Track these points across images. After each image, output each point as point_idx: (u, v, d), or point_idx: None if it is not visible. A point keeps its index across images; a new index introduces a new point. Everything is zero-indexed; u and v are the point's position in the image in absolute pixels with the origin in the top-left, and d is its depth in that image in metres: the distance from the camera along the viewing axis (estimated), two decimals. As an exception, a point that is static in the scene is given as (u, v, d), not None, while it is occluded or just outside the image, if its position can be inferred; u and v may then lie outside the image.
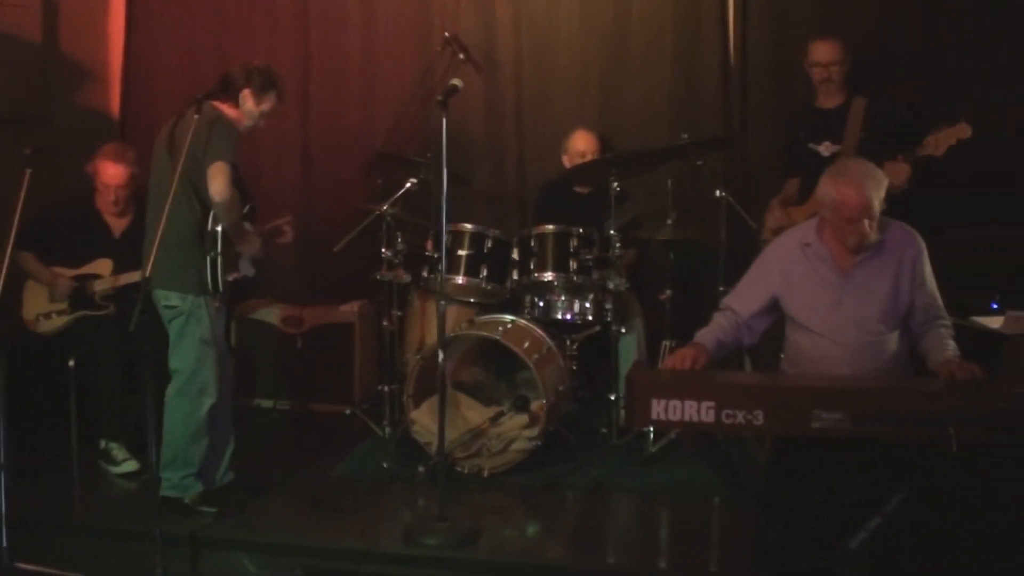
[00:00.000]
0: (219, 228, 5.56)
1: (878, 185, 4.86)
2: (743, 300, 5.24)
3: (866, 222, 4.85)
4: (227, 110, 5.72)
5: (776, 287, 5.15)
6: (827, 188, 4.95)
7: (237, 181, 5.61)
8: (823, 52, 6.68)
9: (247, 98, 5.75)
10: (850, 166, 5.00)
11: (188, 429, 5.68)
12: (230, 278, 5.71)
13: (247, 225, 5.89)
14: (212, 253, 5.55)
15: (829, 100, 6.74)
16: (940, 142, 6.09)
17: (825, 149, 6.60)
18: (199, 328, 5.65)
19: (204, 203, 5.54)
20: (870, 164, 4.98)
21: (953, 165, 6.33)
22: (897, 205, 5.32)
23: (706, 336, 5.15)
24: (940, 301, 5.07)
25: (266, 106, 5.83)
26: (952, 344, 4.95)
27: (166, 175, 5.52)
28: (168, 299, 5.64)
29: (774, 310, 5.20)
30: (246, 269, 5.96)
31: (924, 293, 5.03)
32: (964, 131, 6.05)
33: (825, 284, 5.04)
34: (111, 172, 6.57)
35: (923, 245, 5.04)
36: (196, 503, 5.73)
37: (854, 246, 4.96)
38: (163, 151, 5.70)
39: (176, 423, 5.69)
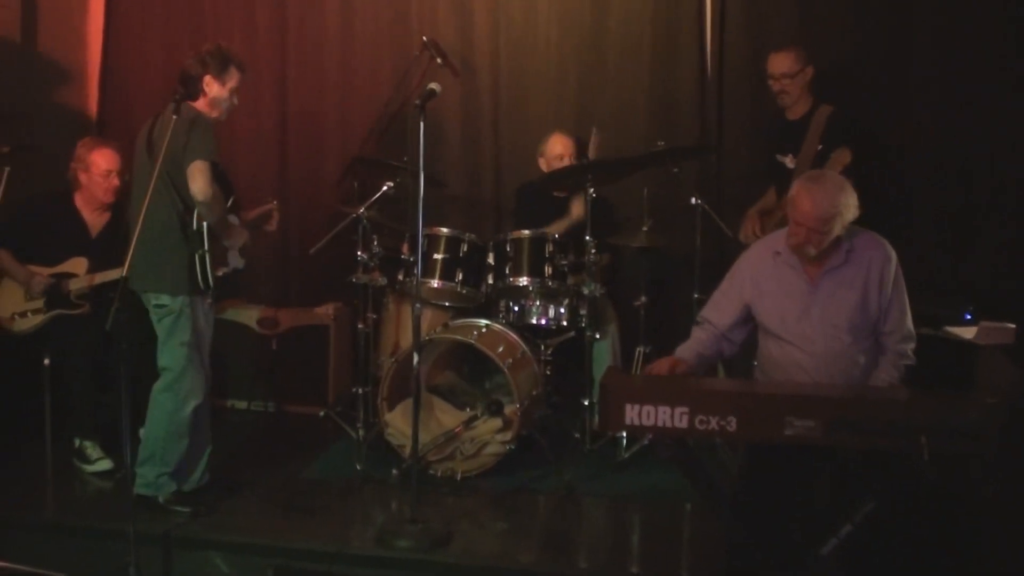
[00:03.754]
0: (204, 225, 5.55)
1: (836, 204, 4.83)
2: (719, 311, 5.25)
3: (809, 232, 4.87)
4: (200, 106, 5.69)
5: (748, 296, 5.16)
6: (793, 187, 4.99)
7: (219, 175, 5.61)
8: (774, 64, 6.68)
9: (211, 84, 5.71)
10: (825, 179, 4.97)
11: (170, 427, 5.68)
12: (219, 273, 5.70)
13: (232, 218, 5.89)
14: (200, 251, 5.53)
15: (794, 111, 6.72)
16: (832, 166, 6.06)
17: (789, 161, 6.59)
18: (188, 326, 5.64)
19: (187, 202, 5.53)
20: (846, 187, 4.91)
21: (921, 172, 6.39)
22: (868, 215, 5.36)
23: (686, 351, 5.15)
24: (910, 324, 5.02)
25: (232, 83, 5.78)
26: (893, 374, 4.97)
27: (148, 177, 5.53)
28: (159, 299, 5.63)
29: (749, 319, 5.21)
30: (235, 262, 5.94)
31: (893, 314, 4.99)
32: (845, 156, 6.10)
33: (794, 293, 5.05)
34: (108, 156, 6.60)
35: (893, 254, 5.02)
36: (170, 502, 5.73)
37: (793, 247, 5.00)
38: (144, 153, 5.70)
39: (159, 419, 5.69)
